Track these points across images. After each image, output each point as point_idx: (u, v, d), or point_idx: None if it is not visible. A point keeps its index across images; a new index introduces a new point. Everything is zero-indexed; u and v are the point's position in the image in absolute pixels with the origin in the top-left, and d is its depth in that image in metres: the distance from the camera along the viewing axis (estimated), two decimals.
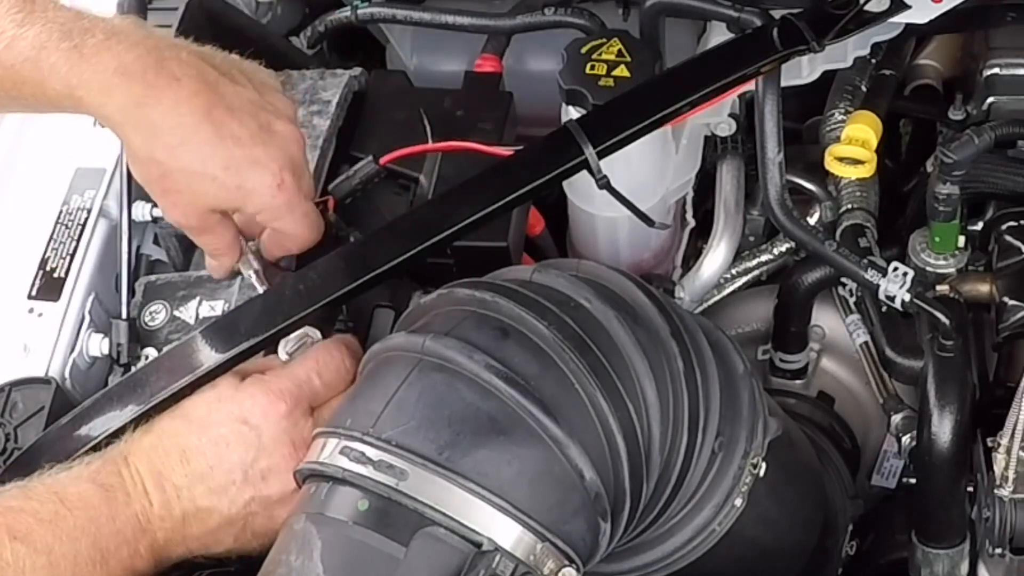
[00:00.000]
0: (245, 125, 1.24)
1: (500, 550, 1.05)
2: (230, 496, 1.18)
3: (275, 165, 1.25)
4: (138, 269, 1.51)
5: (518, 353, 1.12)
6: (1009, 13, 1.54)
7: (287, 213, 1.28)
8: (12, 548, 1.08)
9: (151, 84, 1.21)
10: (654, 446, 1.16)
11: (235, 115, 1.24)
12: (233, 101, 1.24)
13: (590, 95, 1.41)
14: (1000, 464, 1.36)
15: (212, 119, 1.22)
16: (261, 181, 1.25)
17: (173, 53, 1.23)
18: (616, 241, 1.59)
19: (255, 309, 1.28)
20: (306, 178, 1.31)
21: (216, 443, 1.18)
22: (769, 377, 1.73)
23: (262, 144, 1.25)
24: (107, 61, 1.20)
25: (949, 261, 1.57)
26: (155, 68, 1.21)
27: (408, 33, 1.83)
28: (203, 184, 1.24)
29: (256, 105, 1.26)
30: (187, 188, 1.25)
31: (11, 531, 1.09)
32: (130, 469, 1.16)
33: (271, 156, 1.25)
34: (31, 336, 1.40)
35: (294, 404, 1.20)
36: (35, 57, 1.20)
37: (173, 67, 1.22)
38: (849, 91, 1.65)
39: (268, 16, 1.73)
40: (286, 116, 1.29)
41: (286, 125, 1.28)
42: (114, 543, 1.13)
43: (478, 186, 1.32)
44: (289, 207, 1.28)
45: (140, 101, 1.21)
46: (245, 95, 1.26)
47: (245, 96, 1.26)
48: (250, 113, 1.25)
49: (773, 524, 1.36)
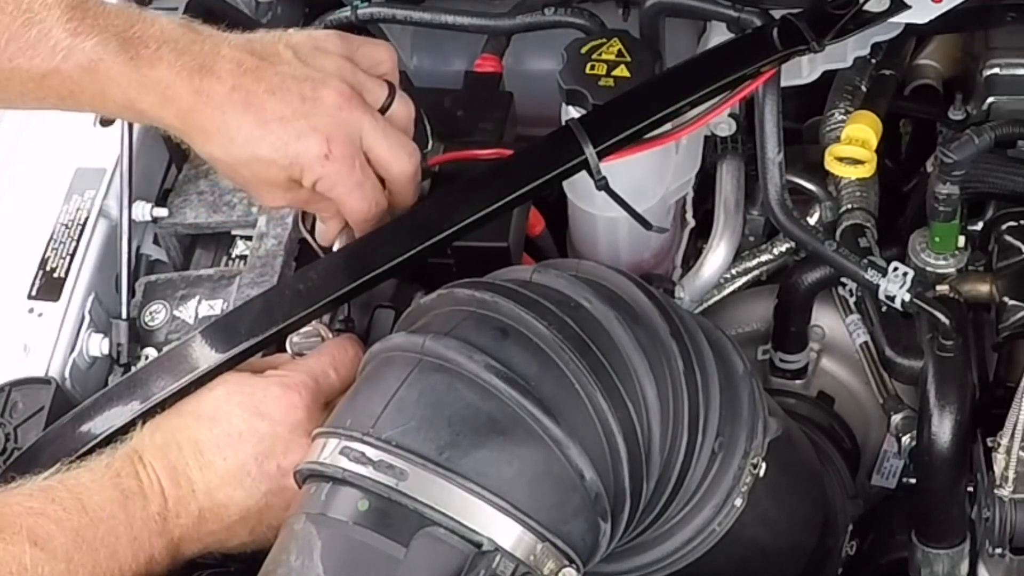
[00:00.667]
0: (287, 102, 1.24)
1: (500, 550, 1.05)
2: (246, 488, 1.18)
3: (320, 135, 1.25)
4: (138, 269, 1.52)
5: (518, 353, 1.12)
6: (1009, 13, 1.54)
7: (338, 183, 1.27)
8: (31, 554, 1.07)
9: (197, 91, 1.22)
10: (654, 446, 1.16)
11: (275, 95, 1.24)
12: (272, 82, 1.24)
13: (590, 95, 1.41)
14: (1000, 464, 1.36)
15: (253, 108, 1.23)
16: (308, 152, 1.25)
17: (214, 51, 1.24)
18: (616, 241, 1.59)
19: (255, 309, 1.28)
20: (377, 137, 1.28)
21: (229, 436, 1.18)
22: (769, 377, 1.73)
23: (304, 116, 1.24)
24: (161, 72, 1.21)
25: (949, 261, 1.57)
26: (200, 73, 1.22)
27: (408, 33, 1.83)
28: (265, 170, 1.26)
29: (298, 79, 1.26)
30: (255, 177, 1.27)
31: (32, 535, 1.08)
32: (147, 469, 1.16)
33: (315, 126, 1.25)
34: (31, 336, 1.40)
35: (311, 398, 1.21)
36: (93, 68, 1.20)
37: (214, 67, 1.23)
38: (849, 91, 1.65)
39: (268, 16, 1.73)
40: (335, 77, 1.27)
41: (334, 88, 1.26)
42: (131, 552, 1.13)
43: (478, 186, 1.32)
44: (339, 177, 1.27)
45: (191, 109, 1.23)
46: (287, 71, 1.26)
47: (287, 72, 1.26)
48: (292, 89, 1.25)
49: (773, 524, 1.36)
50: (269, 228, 1.46)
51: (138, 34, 1.22)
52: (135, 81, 1.21)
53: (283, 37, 1.30)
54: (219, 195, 1.52)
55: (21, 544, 1.07)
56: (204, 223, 1.51)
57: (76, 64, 1.20)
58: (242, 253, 1.50)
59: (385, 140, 1.29)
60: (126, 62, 1.21)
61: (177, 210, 1.51)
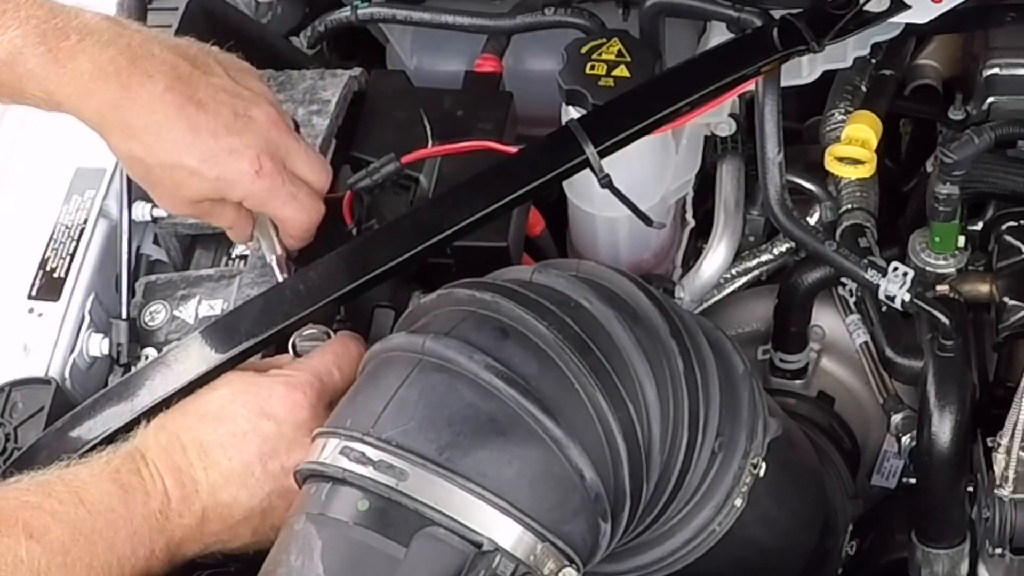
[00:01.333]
0: (219, 116, 1.24)
1: (500, 550, 1.05)
2: (250, 488, 1.18)
3: (251, 152, 1.26)
4: (138, 269, 1.52)
5: (518, 353, 1.12)
6: (1009, 13, 1.54)
7: (271, 198, 1.29)
8: (28, 547, 1.07)
9: (124, 85, 1.22)
10: (654, 446, 1.16)
11: (209, 107, 1.24)
12: (207, 93, 1.25)
13: (590, 95, 1.41)
14: (1000, 464, 1.37)
15: (186, 113, 1.23)
16: (239, 169, 1.25)
17: (145, 50, 1.23)
18: (616, 241, 1.59)
19: (255, 309, 1.28)
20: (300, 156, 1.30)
21: (234, 435, 1.18)
22: (769, 377, 1.73)
23: (237, 133, 1.25)
24: (82, 64, 1.21)
25: (949, 261, 1.58)
26: (128, 68, 1.22)
27: (408, 33, 1.83)
28: (184, 177, 1.25)
29: (231, 94, 1.26)
30: (170, 182, 1.26)
31: (28, 529, 1.08)
32: (149, 467, 1.16)
33: (247, 143, 1.25)
34: (31, 336, 1.40)
35: (315, 397, 1.21)
36: (11, 62, 1.20)
37: (146, 65, 1.22)
38: (849, 91, 1.65)
39: (268, 16, 1.73)
40: (264, 99, 1.29)
41: (263, 109, 1.28)
42: (130, 546, 1.13)
43: (478, 186, 1.32)
44: (272, 192, 1.28)
45: (116, 103, 1.22)
46: (219, 84, 1.26)
47: (219, 86, 1.26)
48: (225, 103, 1.25)
49: (773, 524, 1.36)
50: None
51: (59, 26, 1.21)
52: (53, 73, 1.20)
53: (211, 51, 1.31)
54: None
55: (17, 537, 1.07)
56: (204, 223, 1.51)
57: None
58: (242, 253, 1.50)
59: (306, 158, 1.31)
60: (44, 54, 1.20)
61: None
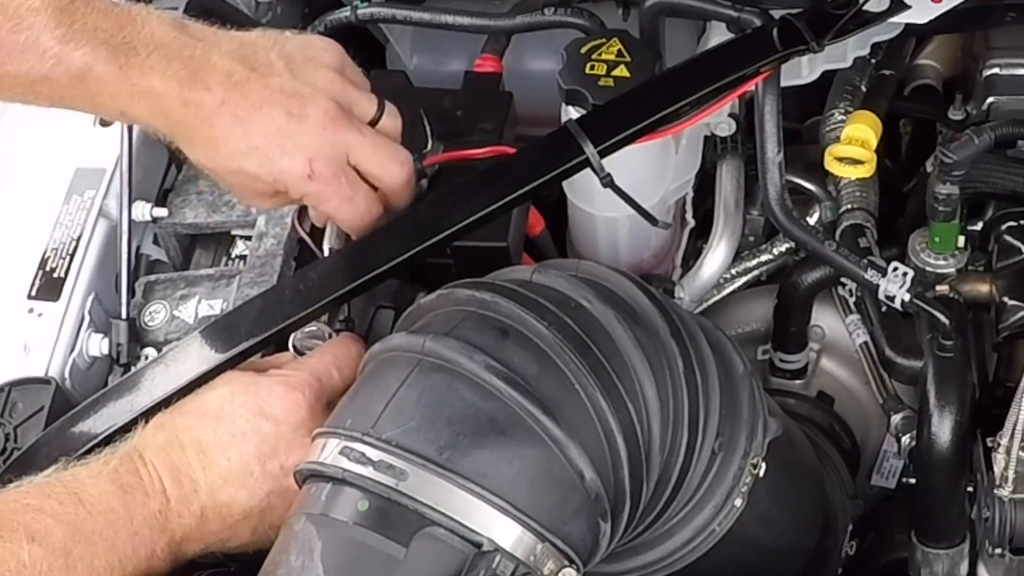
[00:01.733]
0: (273, 119, 1.24)
1: (500, 550, 1.05)
2: (249, 488, 1.18)
3: (303, 155, 1.25)
4: (138, 269, 1.52)
5: (518, 353, 1.12)
6: (1009, 13, 1.54)
7: (324, 201, 1.29)
8: (29, 550, 1.07)
9: (186, 101, 1.22)
10: (654, 446, 1.16)
11: (262, 110, 1.24)
12: (261, 96, 1.24)
13: (590, 95, 1.41)
14: (1000, 464, 1.36)
15: (240, 121, 1.23)
16: (292, 172, 1.26)
17: (205, 60, 1.23)
18: (616, 241, 1.59)
19: (255, 309, 1.29)
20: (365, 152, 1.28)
21: (233, 435, 1.18)
22: (769, 377, 1.73)
23: (288, 135, 1.25)
24: (151, 81, 1.21)
25: (949, 261, 1.57)
26: (189, 83, 1.22)
27: (408, 33, 1.83)
28: (249, 181, 1.27)
29: (287, 94, 1.25)
30: (240, 184, 1.29)
31: (29, 531, 1.08)
32: (147, 467, 1.16)
33: (299, 146, 1.25)
34: (31, 336, 1.40)
35: (314, 397, 1.21)
36: (83, 77, 1.20)
37: (204, 76, 1.23)
38: (849, 91, 1.65)
39: (268, 16, 1.73)
40: (323, 94, 1.27)
41: (320, 106, 1.26)
42: (131, 546, 1.13)
43: (478, 186, 1.32)
44: (324, 196, 1.28)
45: (179, 119, 1.23)
46: (276, 85, 1.25)
47: (276, 86, 1.25)
48: (279, 103, 1.24)
49: (773, 524, 1.36)
50: (268, 228, 1.46)
51: (128, 39, 1.21)
52: (125, 90, 1.21)
53: (277, 43, 1.29)
54: (219, 195, 1.52)
55: (19, 541, 1.07)
56: (204, 223, 1.51)
57: (66, 72, 1.19)
58: (242, 253, 1.50)
59: (375, 154, 1.29)
60: (116, 71, 1.20)
61: (177, 210, 1.52)
